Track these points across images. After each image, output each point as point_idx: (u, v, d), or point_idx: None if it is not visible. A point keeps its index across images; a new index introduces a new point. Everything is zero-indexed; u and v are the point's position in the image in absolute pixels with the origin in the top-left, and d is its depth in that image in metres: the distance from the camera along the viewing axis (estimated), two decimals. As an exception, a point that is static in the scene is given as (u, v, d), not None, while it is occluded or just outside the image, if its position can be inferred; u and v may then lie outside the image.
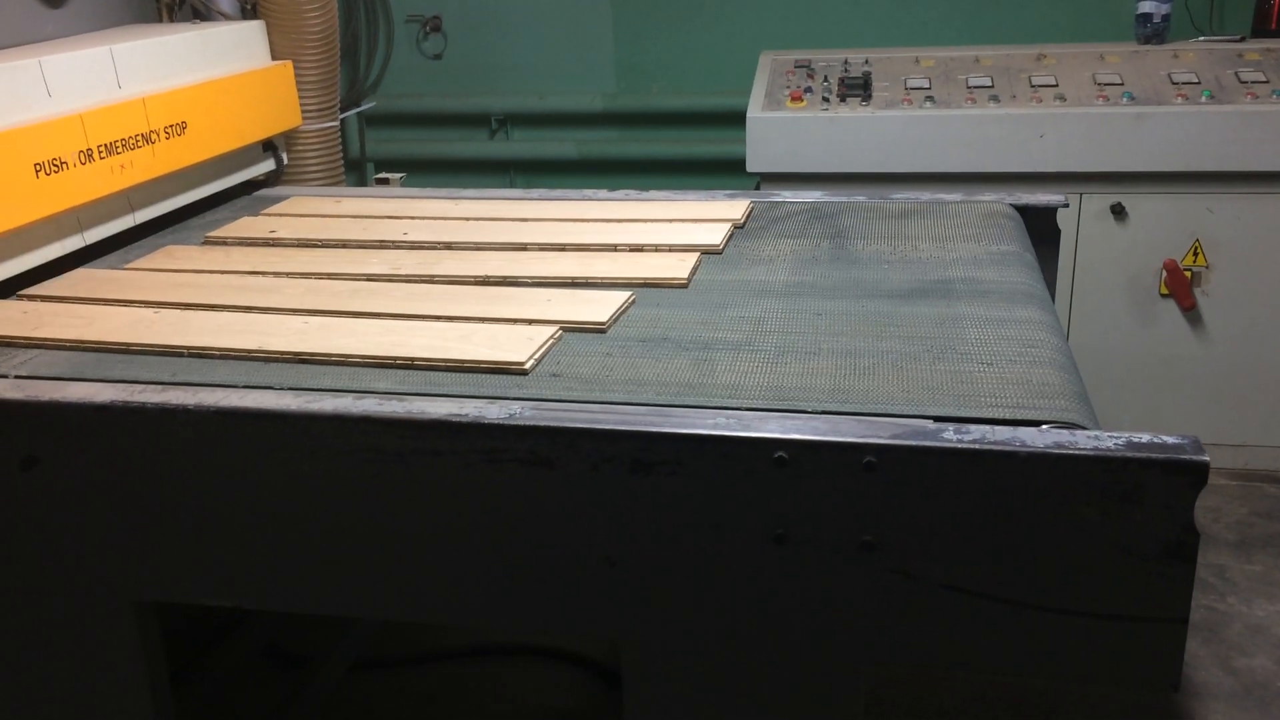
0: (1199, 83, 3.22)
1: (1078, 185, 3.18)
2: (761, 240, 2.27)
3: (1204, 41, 3.45)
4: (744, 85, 3.55)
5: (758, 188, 3.34)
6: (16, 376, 1.68)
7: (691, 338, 1.76)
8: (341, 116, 3.28)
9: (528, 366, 1.64)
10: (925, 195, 2.49)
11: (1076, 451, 1.31)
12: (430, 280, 2.05)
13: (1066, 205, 2.39)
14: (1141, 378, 3.34)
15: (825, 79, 3.48)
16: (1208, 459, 1.29)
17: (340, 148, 3.23)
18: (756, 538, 1.41)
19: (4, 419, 1.58)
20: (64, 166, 2.09)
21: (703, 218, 2.38)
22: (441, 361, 1.67)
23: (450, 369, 1.66)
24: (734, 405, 1.50)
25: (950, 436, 1.35)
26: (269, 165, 2.89)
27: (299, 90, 2.95)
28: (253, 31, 2.82)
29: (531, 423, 1.44)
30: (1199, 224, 3.17)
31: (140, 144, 2.29)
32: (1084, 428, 1.40)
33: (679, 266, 2.05)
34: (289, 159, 3.01)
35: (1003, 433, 1.36)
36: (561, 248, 2.22)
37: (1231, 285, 3.21)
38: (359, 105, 4.12)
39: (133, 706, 1.73)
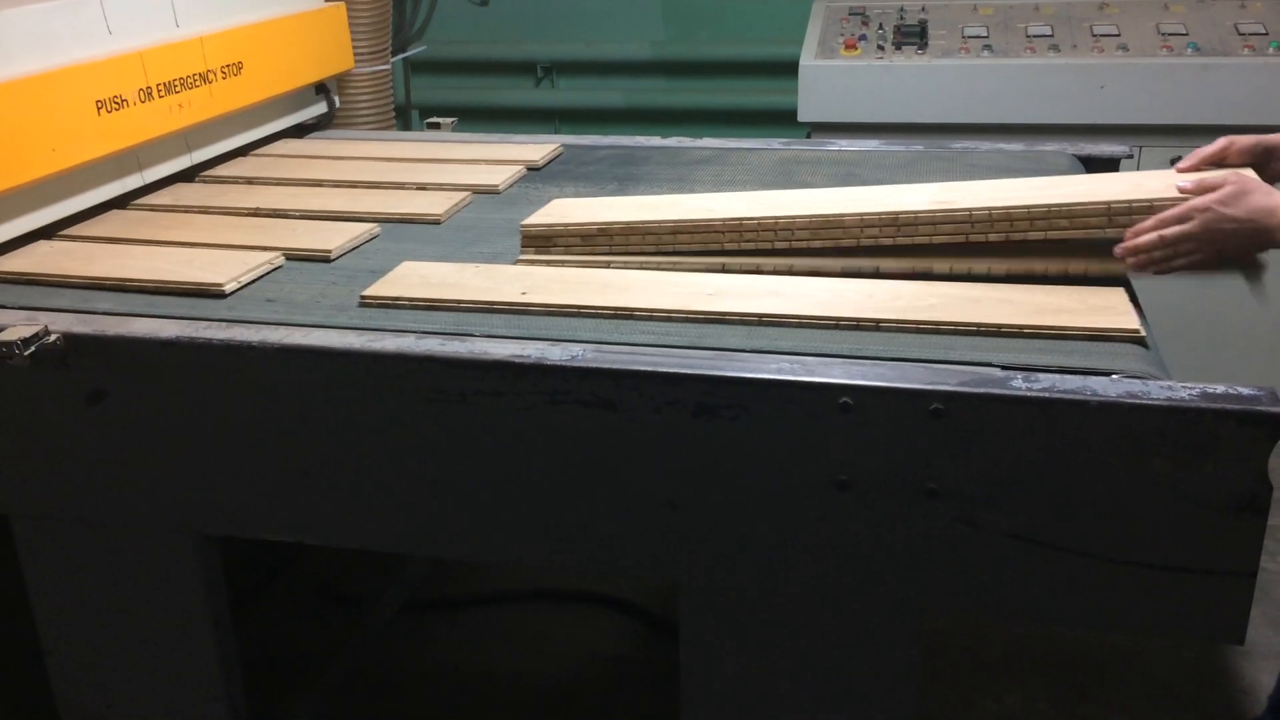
0: (1266, 34, 3.14)
1: (1138, 138, 3.11)
2: (552, 184, 2.33)
3: (1273, -9, 3.36)
4: (796, 33, 3.49)
5: (809, 137, 3.30)
6: (81, 311, 1.70)
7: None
8: (392, 61, 3.26)
9: (228, 289, 1.75)
10: (985, 145, 2.45)
11: (1150, 402, 1.29)
12: (205, 211, 2.19)
13: (1131, 156, 2.34)
14: (1198, 334, 3.28)
15: (880, 26, 3.41)
16: (1284, 411, 1.26)
17: (391, 92, 3.23)
18: (820, 484, 1.41)
19: (72, 353, 1.60)
20: (125, 104, 2.10)
21: (499, 159, 2.47)
22: (151, 283, 1.78)
23: (159, 291, 1.77)
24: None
25: (1019, 385, 1.34)
26: (321, 108, 2.88)
27: (351, 33, 2.93)
28: (305, -28, 2.81)
29: (594, 364, 1.44)
30: (1262, 179, 3.10)
31: (198, 83, 2.30)
32: (1156, 378, 1.38)
33: (441, 203, 2.16)
34: (341, 103, 3.01)
35: (1073, 382, 1.34)
36: (352, 184, 2.33)
37: (1293, 242, 3.14)
38: (406, 51, 4.10)
39: (196, 637, 1.77)
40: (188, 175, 2.42)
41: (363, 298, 1.70)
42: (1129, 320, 1.48)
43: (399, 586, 2.58)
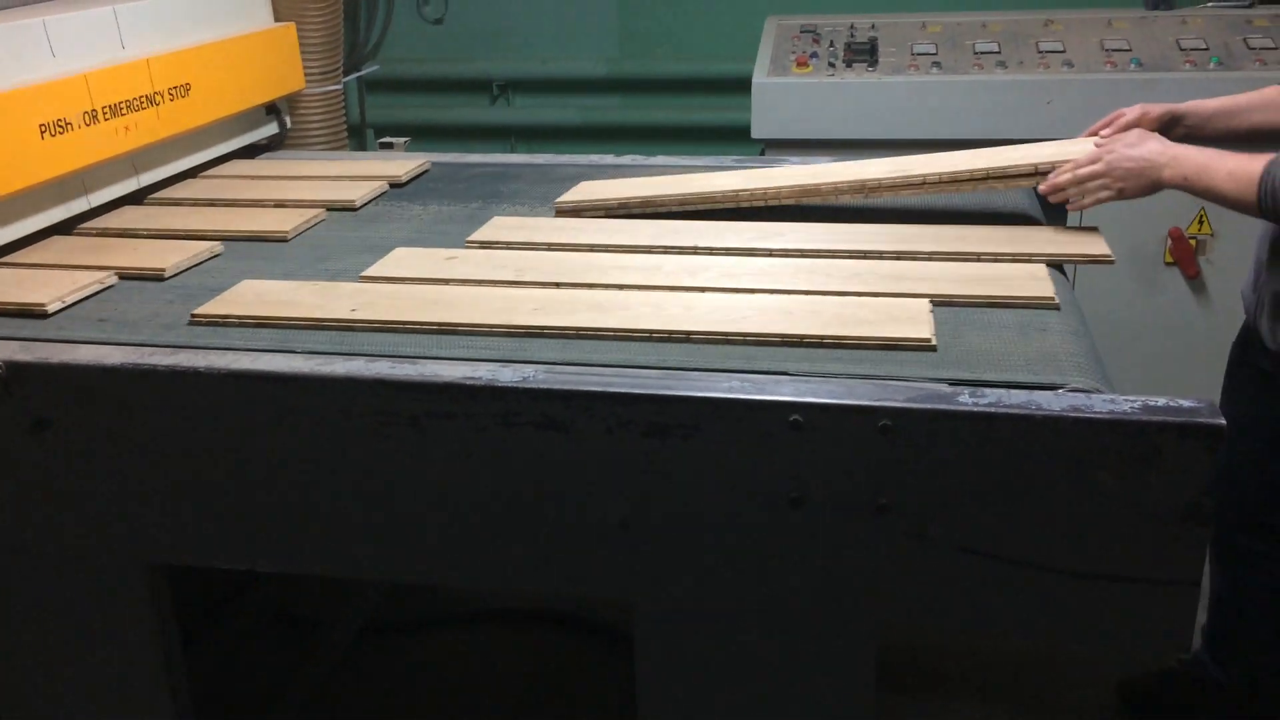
0: (1207, 49, 3.20)
1: (1084, 152, 3.16)
2: (415, 200, 2.38)
3: (1212, 7, 3.43)
4: (749, 51, 3.51)
5: (763, 154, 3.32)
6: (26, 339, 1.68)
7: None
8: (344, 80, 3.25)
9: (50, 309, 1.78)
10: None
11: (1093, 415, 1.31)
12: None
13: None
14: (1146, 346, 3.33)
15: (831, 44, 3.45)
16: (1224, 422, 1.29)
17: (344, 112, 3.21)
18: (772, 501, 1.41)
19: (15, 382, 1.57)
20: (69, 128, 2.07)
21: (362, 175, 2.52)
22: None
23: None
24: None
25: (966, 400, 1.35)
26: (272, 129, 2.86)
27: (302, 53, 2.92)
28: (255, -8, 2.79)
29: (545, 385, 1.44)
30: (1205, 192, 3.15)
31: (144, 105, 2.27)
32: (1100, 391, 1.40)
33: (290, 221, 2.19)
34: (292, 123, 2.99)
35: (1018, 396, 1.36)
36: (212, 203, 2.38)
37: (1236, 253, 3.20)
38: (360, 70, 4.09)
39: (144, 668, 1.74)
40: (137, 198, 2.40)
41: (193, 316, 1.73)
42: (923, 330, 1.56)
43: (355, 610, 2.56)
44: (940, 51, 3.35)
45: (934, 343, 1.54)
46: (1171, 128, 2.05)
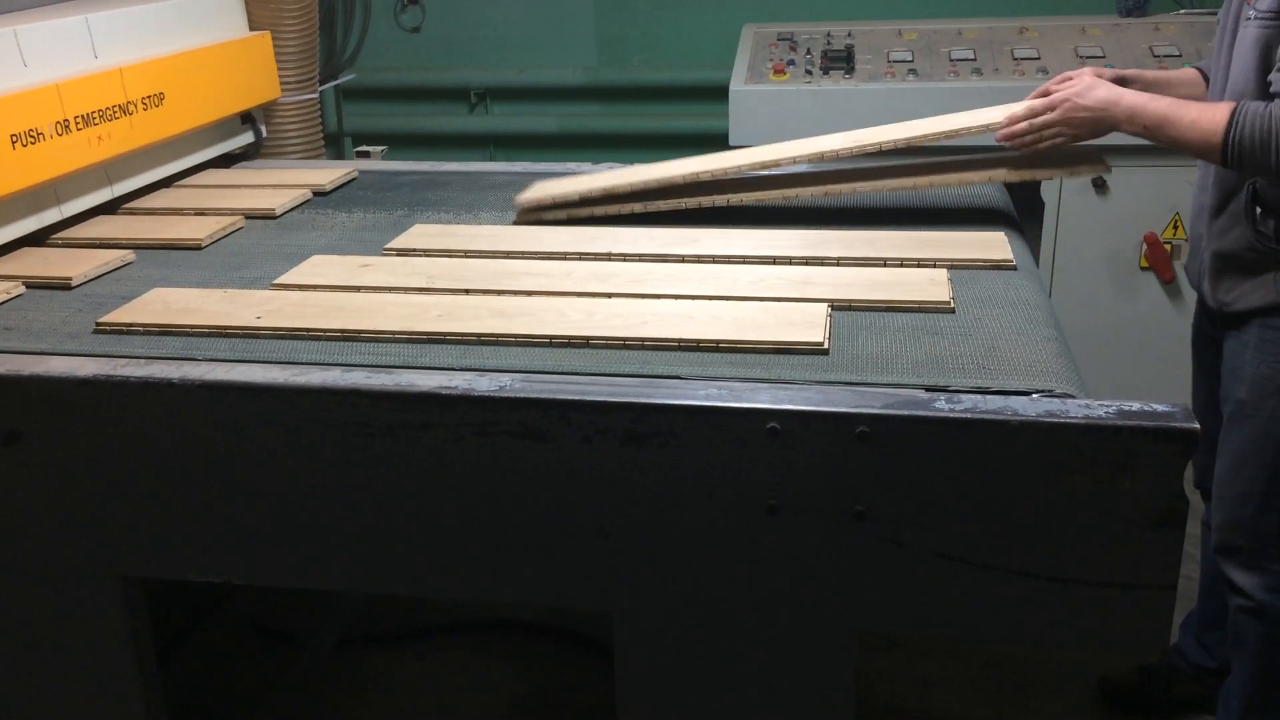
0: (1180, 55, 3.23)
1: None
2: (341, 209, 2.40)
3: (1185, 14, 3.46)
4: (726, 58, 3.53)
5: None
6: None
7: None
8: (321, 89, 3.24)
9: None
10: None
11: (1068, 420, 1.32)
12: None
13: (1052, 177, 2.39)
14: (1122, 350, 3.36)
15: (808, 52, 3.46)
16: (1197, 426, 1.29)
17: (320, 121, 3.20)
18: (749, 508, 1.41)
19: (-15, 393, 1.56)
20: (41, 138, 2.06)
21: (286, 184, 2.53)
22: None
23: None
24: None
25: (942, 406, 1.36)
26: (248, 138, 2.85)
27: (277, 62, 2.91)
28: (230, 1, 2.78)
29: (522, 394, 1.43)
30: (1179, 197, 3.18)
31: (118, 115, 2.26)
32: (1074, 397, 1.40)
33: (206, 229, 2.20)
34: (268, 132, 2.97)
35: (994, 402, 1.37)
36: (132, 211, 2.39)
37: (1211, 258, 3.22)
38: (337, 78, 4.07)
39: (119, 681, 1.72)
40: (110, 207, 2.38)
41: (98, 324, 1.73)
42: (815, 334, 1.59)
43: (334, 622, 2.54)
44: (916, 58, 3.37)
45: (826, 346, 1.57)
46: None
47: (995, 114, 2.08)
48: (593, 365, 1.55)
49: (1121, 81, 2.08)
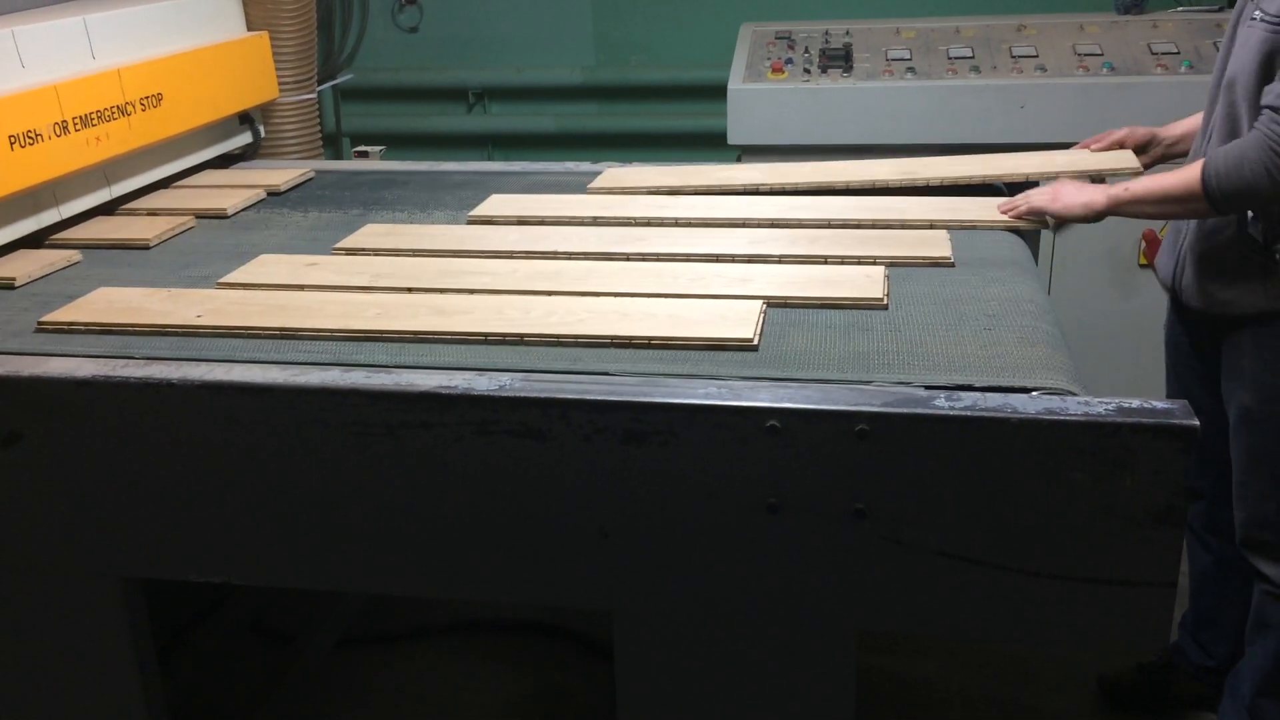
0: (1178, 53, 3.23)
1: (1058, 156, 3.18)
2: (297, 208, 2.40)
3: (1182, 12, 3.46)
4: (724, 57, 3.52)
5: (739, 160, 3.33)
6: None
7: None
8: (319, 89, 3.24)
9: None
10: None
11: (1067, 417, 1.32)
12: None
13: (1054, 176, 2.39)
14: (1121, 348, 3.35)
15: (806, 50, 3.46)
16: (1197, 423, 1.29)
17: (318, 121, 3.20)
18: (750, 507, 1.41)
19: (-16, 395, 1.56)
20: (39, 139, 2.06)
21: (239, 184, 2.53)
22: None
23: None
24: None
25: (942, 404, 1.36)
26: (246, 138, 2.85)
27: (275, 62, 2.91)
28: (228, 1, 2.78)
29: (522, 394, 1.43)
30: (1178, 194, 3.18)
31: (116, 116, 2.26)
32: (1074, 394, 1.40)
33: (155, 229, 2.21)
34: (266, 132, 2.97)
35: (994, 400, 1.37)
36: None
37: (1209, 255, 3.22)
38: (335, 78, 4.07)
39: (119, 681, 1.72)
40: (109, 208, 2.38)
41: (40, 323, 1.73)
42: (745, 331, 1.60)
43: (334, 622, 2.54)
44: (914, 57, 3.37)
45: (756, 342, 1.58)
46: (1150, 147, 2.27)
47: (1037, 161, 2.27)
48: (524, 362, 1.56)
49: (1153, 138, 2.24)
